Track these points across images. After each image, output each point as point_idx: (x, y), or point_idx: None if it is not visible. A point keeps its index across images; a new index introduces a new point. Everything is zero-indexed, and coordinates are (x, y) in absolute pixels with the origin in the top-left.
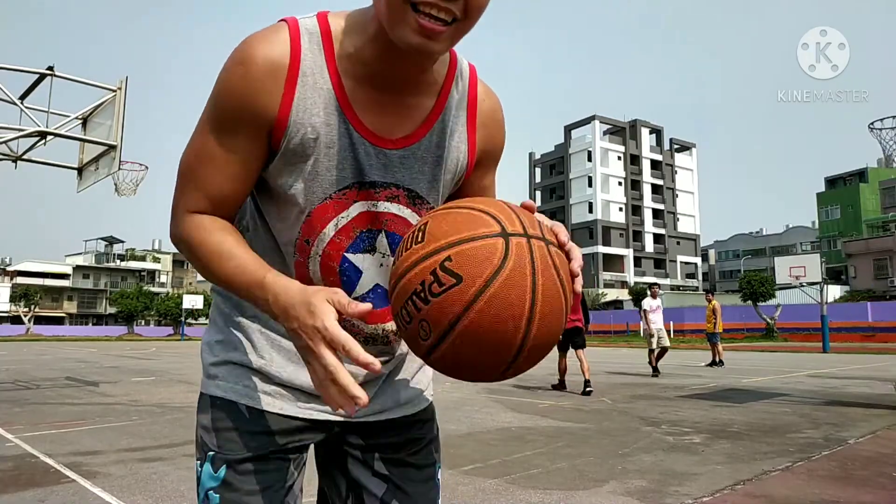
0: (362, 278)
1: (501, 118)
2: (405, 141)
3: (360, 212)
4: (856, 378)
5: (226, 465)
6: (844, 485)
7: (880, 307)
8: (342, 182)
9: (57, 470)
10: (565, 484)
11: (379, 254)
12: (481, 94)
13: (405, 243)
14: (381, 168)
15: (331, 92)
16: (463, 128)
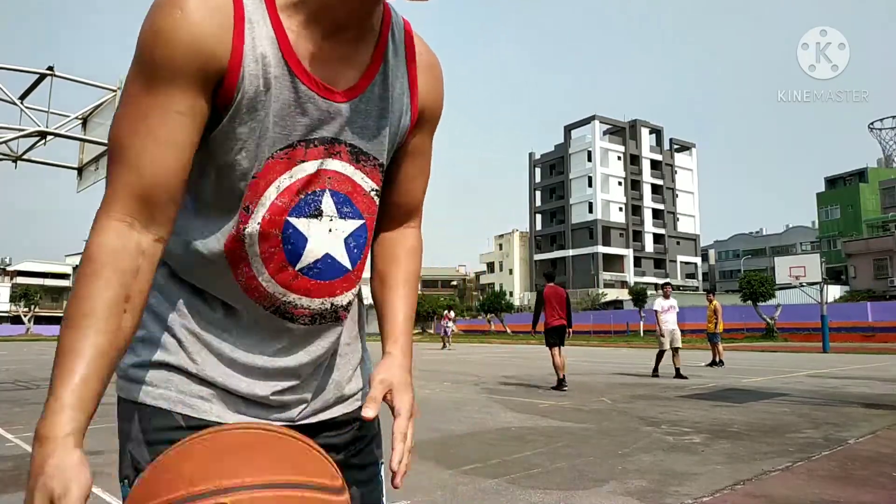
0: (308, 245)
1: (441, 75)
2: (350, 93)
3: (307, 173)
4: (856, 378)
5: None
6: (844, 485)
7: (880, 307)
8: (288, 139)
9: None
10: (565, 484)
11: (326, 217)
12: (419, 46)
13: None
14: (327, 122)
15: (273, 40)
16: (404, 77)
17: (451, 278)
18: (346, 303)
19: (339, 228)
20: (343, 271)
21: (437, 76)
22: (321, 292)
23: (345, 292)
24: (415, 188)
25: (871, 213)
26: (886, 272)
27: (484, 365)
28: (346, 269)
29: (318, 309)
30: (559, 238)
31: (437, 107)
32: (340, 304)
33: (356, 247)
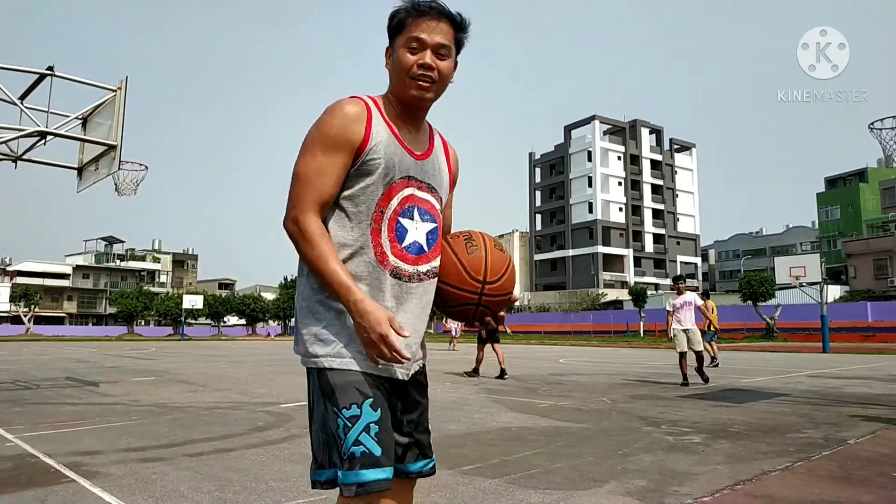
0: (407, 235)
1: (458, 160)
2: (423, 155)
3: (408, 194)
4: (855, 378)
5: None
6: (844, 485)
7: (880, 307)
8: (401, 173)
9: (57, 470)
10: (565, 484)
11: (416, 220)
12: (448, 143)
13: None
14: (416, 168)
15: (387, 128)
16: (443, 157)
17: None
18: (425, 270)
19: (421, 228)
20: (423, 251)
21: (457, 159)
22: (413, 262)
23: (424, 264)
24: (449, 219)
25: (871, 213)
26: (886, 272)
27: (484, 365)
28: (424, 250)
29: (412, 272)
30: (559, 238)
31: (457, 178)
32: (422, 271)
33: (431, 238)
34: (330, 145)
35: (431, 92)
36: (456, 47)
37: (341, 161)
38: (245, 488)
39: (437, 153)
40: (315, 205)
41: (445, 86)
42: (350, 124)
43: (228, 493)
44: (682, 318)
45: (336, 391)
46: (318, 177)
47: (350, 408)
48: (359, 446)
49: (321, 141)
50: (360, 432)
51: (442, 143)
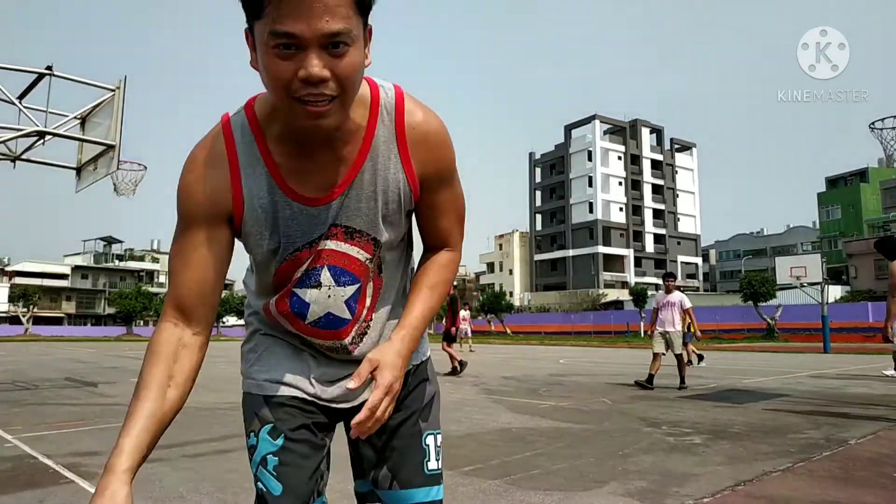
0: (311, 309)
1: (437, 138)
2: (339, 190)
3: (308, 261)
4: (856, 378)
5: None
6: (845, 485)
7: (881, 307)
8: (291, 247)
9: (56, 471)
10: (565, 485)
11: (325, 287)
12: (409, 121)
13: None
14: (319, 223)
15: (267, 174)
16: (396, 158)
17: None
18: (351, 339)
19: (338, 294)
20: (345, 322)
21: (433, 142)
22: (329, 336)
23: (349, 333)
24: (441, 229)
25: (872, 213)
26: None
27: (484, 365)
28: (347, 320)
29: (331, 346)
30: (559, 238)
31: (440, 168)
32: (348, 342)
33: (356, 302)
34: (187, 220)
35: (331, 115)
36: (361, 12)
37: (204, 238)
38: (244, 489)
39: (371, 165)
40: (171, 304)
41: (355, 90)
42: (206, 189)
43: (227, 493)
44: (663, 318)
45: (245, 417)
46: (176, 264)
47: (249, 436)
48: (258, 483)
49: (179, 215)
50: (258, 466)
51: (395, 126)
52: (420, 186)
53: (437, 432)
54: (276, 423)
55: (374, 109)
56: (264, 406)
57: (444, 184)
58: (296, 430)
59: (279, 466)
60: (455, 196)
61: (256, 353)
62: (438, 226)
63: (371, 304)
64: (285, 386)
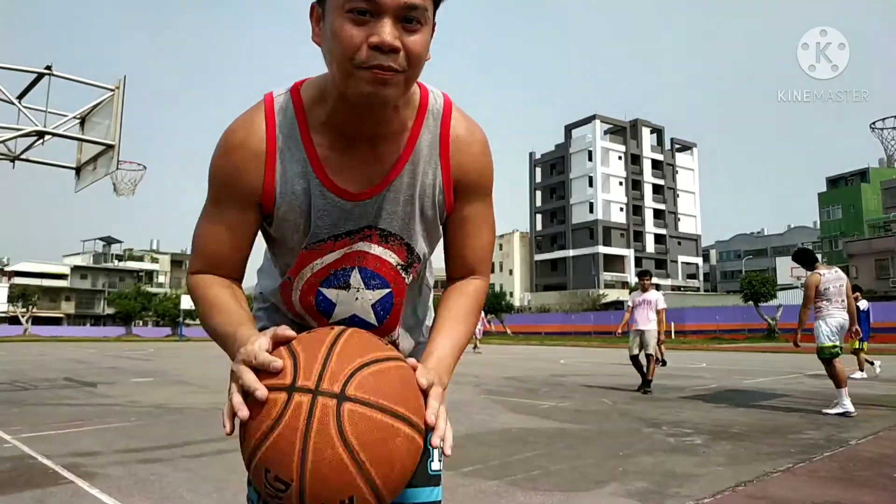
0: (336, 309)
1: (479, 149)
2: (377, 189)
3: (336, 258)
4: (856, 379)
5: None
6: (846, 486)
7: (881, 307)
8: (318, 236)
9: (55, 471)
10: (566, 485)
11: (354, 289)
12: (455, 129)
13: None
14: (355, 219)
15: (306, 161)
16: (437, 165)
17: None
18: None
19: (366, 297)
20: (370, 327)
21: (476, 153)
22: None
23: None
24: (471, 247)
25: (872, 213)
26: (888, 272)
27: (484, 365)
28: (372, 325)
29: None
30: (560, 238)
31: (478, 181)
32: None
33: (383, 309)
34: (219, 199)
35: (393, 87)
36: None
37: (237, 220)
38: (244, 489)
39: (412, 167)
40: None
41: (419, 72)
42: (240, 168)
43: (227, 494)
44: (638, 318)
45: None
46: (209, 241)
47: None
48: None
49: (211, 193)
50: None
51: (440, 133)
52: (455, 196)
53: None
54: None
55: (422, 113)
56: None
57: (480, 198)
58: None
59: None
60: (488, 214)
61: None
62: (469, 244)
63: (392, 319)
64: None
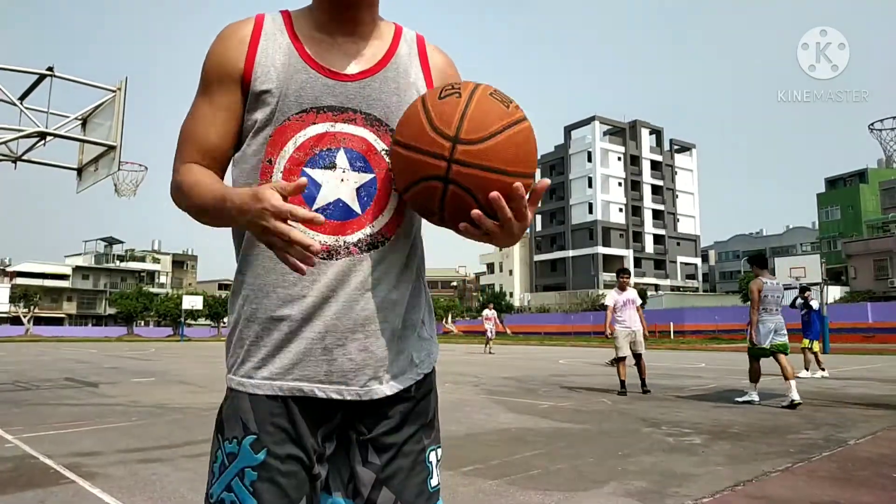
0: (321, 192)
1: (454, 70)
2: (360, 76)
3: (319, 132)
4: (855, 379)
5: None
6: (844, 485)
7: (880, 308)
8: (299, 107)
9: (56, 471)
10: (565, 485)
11: (340, 169)
12: (431, 50)
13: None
14: (335, 96)
15: (289, 45)
16: (418, 69)
17: (451, 279)
18: (356, 240)
19: (351, 179)
20: (353, 214)
21: (450, 69)
22: (334, 231)
23: (354, 232)
24: None
25: (871, 213)
26: (887, 273)
27: (484, 365)
28: (355, 213)
29: (333, 245)
30: (559, 239)
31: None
32: (350, 241)
33: (367, 196)
34: (208, 84)
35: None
36: None
37: (224, 100)
38: None
39: (394, 66)
40: (193, 154)
41: None
42: (227, 50)
43: None
44: (625, 318)
45: (224, 418)
46: (196, 125)
47: (231, 441)
48: (229, 493)
49: (201, 82)
50: (233, 476)
51: (418, 50)
52: None
53: (439, 447)
54: (258, 437)
55: (398, 33)
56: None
57: None
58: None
59: (258, 483)
60: None
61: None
62: None
63: (374, 207)
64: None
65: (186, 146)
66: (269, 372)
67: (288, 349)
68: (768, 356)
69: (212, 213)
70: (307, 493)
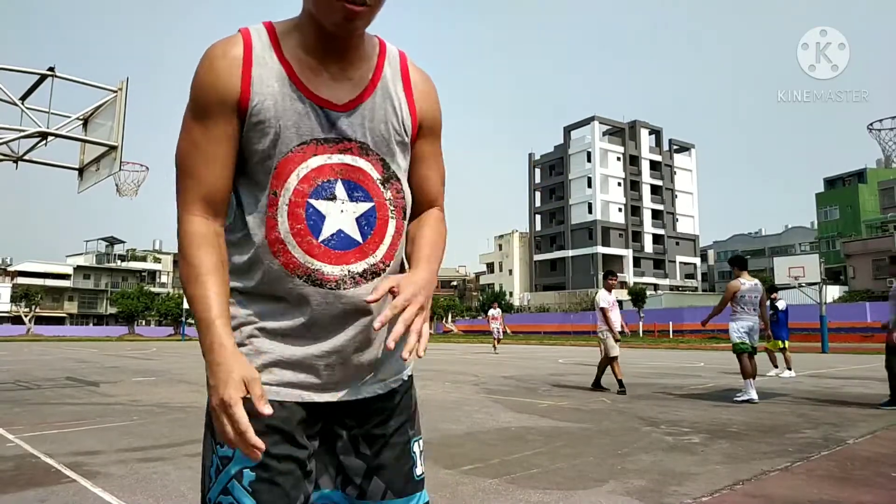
0: (325, 223)
1: (435, 95)
2: (351, 104)
3: (319, 164)
4: (854, 378)
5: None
6: (843, 485)
7: (879, 307)
8: (300, 139)
9: (58, 470)
10: (565, 484)
11: (339, 200)
12: (412, 70)
13: None
14: (330, 126)
15: (280, 70)
16: (402, 93)
17: (451, 279)
18: (361, 270)
19: (350, 210)
20: (354, 244)
21: (431, 91)
22: (339, 260)
23: (358, 262)
24: (430, 185)
25: (870, 213)
26: (885, 273)
27: (483, 365)
28: (357, 242)
29: (339, 275)
30: (559, 239)
31: (434, 116)
32: (356, 272)
33: (367, 224)
34: (201, 109)
35: (361, 20)
36: None
37: (221, 132)
38: None
39: (381, 91)
40: (197, 201)
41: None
42: (219, 75)
43: None
44: (616, 319)
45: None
46: (195, 160)
47: (224, 445)
48: (227, 496)
49: (193, 106)
50: (230, 479)
51: (401, 71)
52: (417, 134)
53: (421, 438)
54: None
55: (383, 52)
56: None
57: (436, 136)
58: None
59: (257, 483)
60: (440, 154)
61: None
62: (431, 176)
63: (376, 236)
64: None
65: (188, 188)
66: (269, 378)
67: (291, 364)
68: (753, 352)
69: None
70: (304, 490)
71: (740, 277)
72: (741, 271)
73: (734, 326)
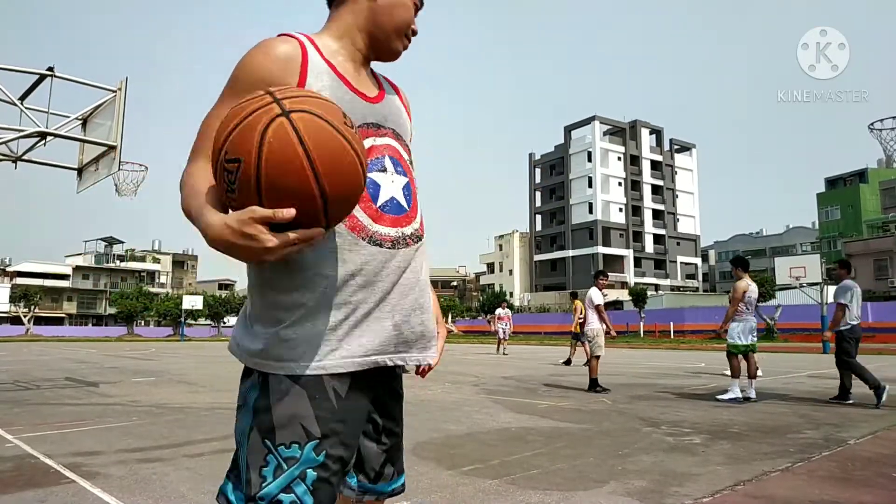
0: (381, 191)
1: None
2: (377, 99)
3: (370, 145)
4: (855, 379)
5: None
6: (844, 485)
7: (880, 308)
8: (356, 121)
9: (57, 471)
10: (565, 484)
11: (389, 172)
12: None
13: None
14: (372, 115)
15: (328, 68)
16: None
17: (451, 279)
18: (410, 233)
19: (396, 181)
20: (403, 210)
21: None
22: (394, 223)
23: (407, 225)
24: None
25: (871, 213)
26: (887, 273)
27: (483, 365)
28: (405, 208)
29: (396, 236)
30: (559, 239)
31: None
32: (406, 234)
33: (408, 194)
34: (243, 88)
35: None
36: None
37: None
38: None
39: (388, 93)
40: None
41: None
42: (278, 64)
43: None
44: (605, 317)
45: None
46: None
47: (290, 447)
48: (289, 494)
49: (234, 85)
50: (294, 478)
51: (391, 85)
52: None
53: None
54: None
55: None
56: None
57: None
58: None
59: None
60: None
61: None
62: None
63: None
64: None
65: (202, 147)
66: (346, 352)
67: (364, 330)
68: (745, 353)
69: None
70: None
71: (744, 278)
72: (745, 272)
73: (737, 327)
